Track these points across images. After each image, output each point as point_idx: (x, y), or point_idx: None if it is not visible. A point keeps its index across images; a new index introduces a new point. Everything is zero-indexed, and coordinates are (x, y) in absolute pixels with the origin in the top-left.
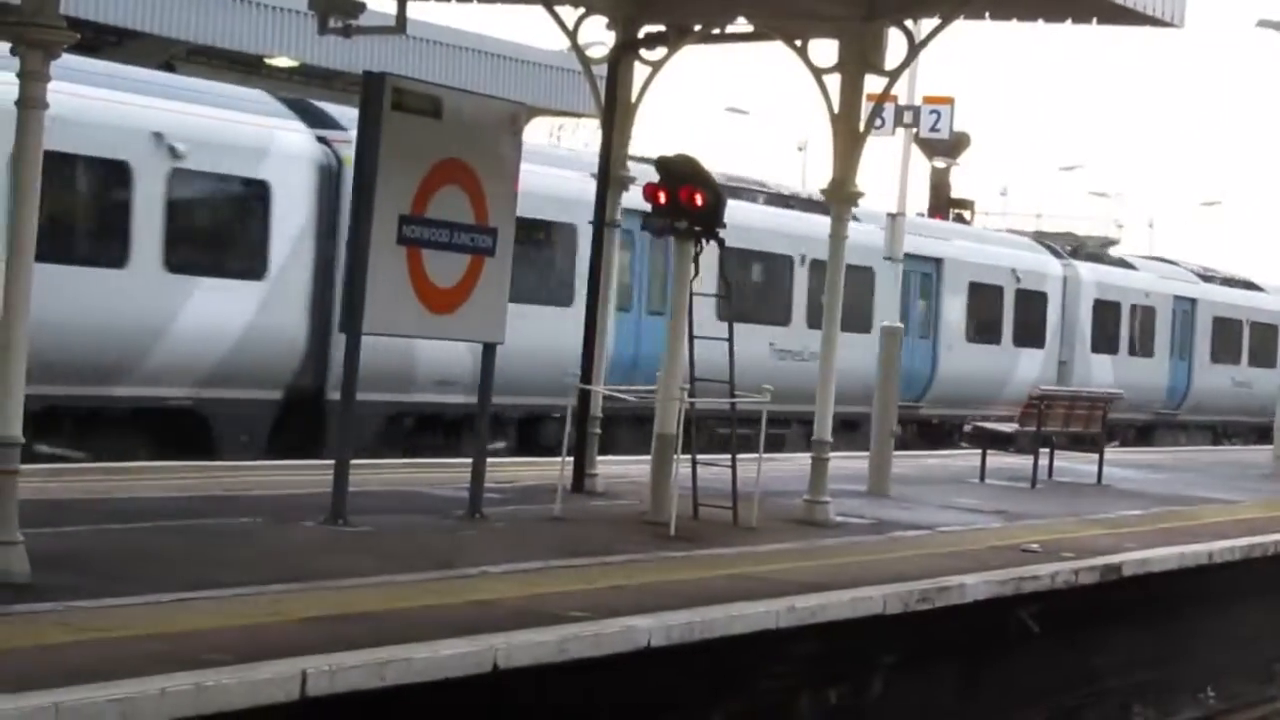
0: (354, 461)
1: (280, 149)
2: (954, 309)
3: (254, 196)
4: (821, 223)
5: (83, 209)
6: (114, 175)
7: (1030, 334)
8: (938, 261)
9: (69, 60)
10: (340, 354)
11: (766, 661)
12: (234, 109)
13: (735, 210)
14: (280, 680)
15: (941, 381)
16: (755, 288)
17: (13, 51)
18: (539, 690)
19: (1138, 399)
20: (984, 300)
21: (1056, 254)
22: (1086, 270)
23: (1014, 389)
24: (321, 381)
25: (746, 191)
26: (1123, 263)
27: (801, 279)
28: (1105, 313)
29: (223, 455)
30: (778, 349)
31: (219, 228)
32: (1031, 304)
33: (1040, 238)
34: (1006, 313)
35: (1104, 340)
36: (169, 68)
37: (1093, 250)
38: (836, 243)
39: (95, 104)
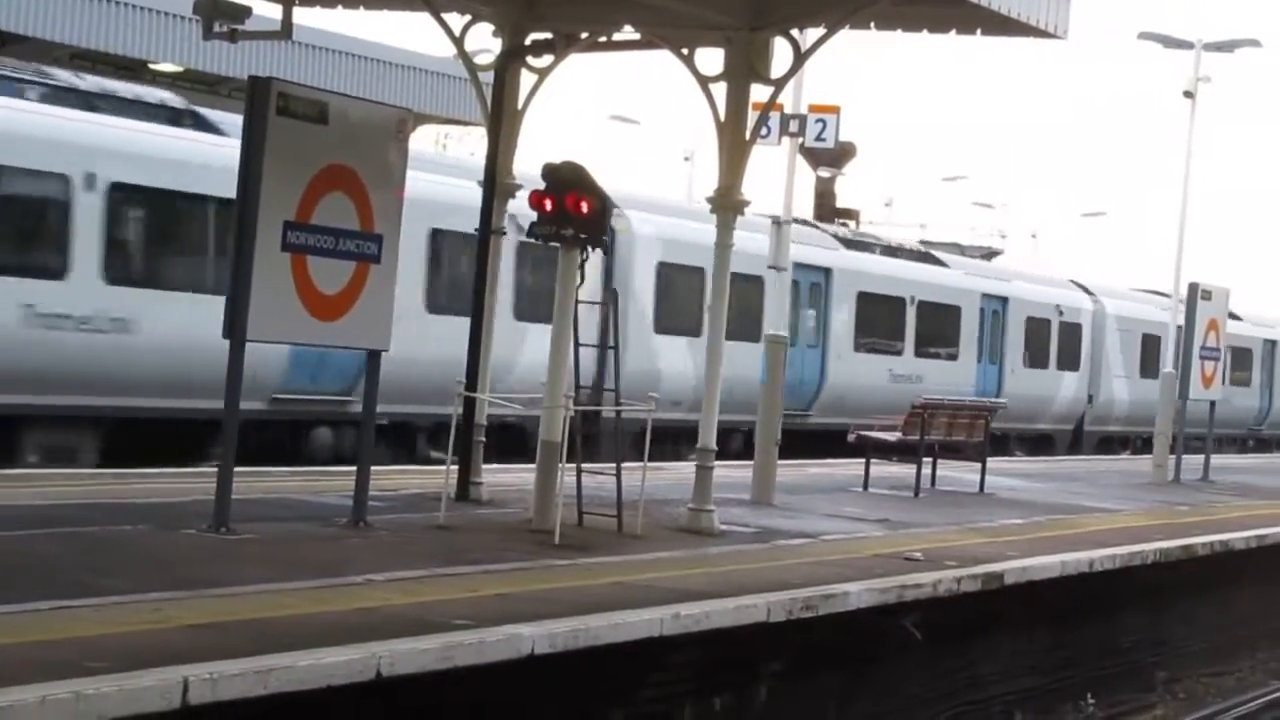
0: (238, 469)
1: None
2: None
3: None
4: (133, 128)
5: None
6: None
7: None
8: None
9: None
10: None
11: (650, 670)
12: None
13: None
14: (161, 688)
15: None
16: None
17: None
18: (425, 698)
19: (738, 399)
20: (457, 253)
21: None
22: (642, 222)
23: (520, 376)
24: None
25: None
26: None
27: (90, 209)
28: (675, 280)
29: None
30: (40, 312)
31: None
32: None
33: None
34: (507, 275)
35: (676, 317)
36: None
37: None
38: (722, 252)
39: None
